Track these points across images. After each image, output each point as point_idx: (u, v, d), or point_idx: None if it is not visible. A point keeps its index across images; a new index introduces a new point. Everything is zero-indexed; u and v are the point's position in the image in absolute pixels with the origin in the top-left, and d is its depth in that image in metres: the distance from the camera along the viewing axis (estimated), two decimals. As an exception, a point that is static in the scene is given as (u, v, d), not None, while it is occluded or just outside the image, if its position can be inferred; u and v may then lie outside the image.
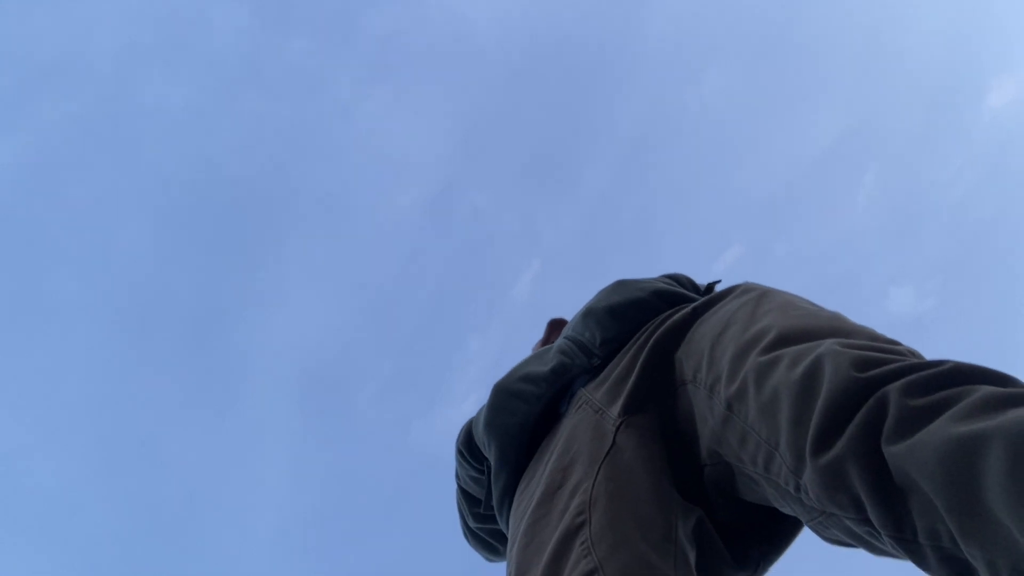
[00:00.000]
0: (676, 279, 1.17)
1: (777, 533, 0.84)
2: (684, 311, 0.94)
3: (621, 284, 1.09)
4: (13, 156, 12.07)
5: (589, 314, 1.06)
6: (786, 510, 0.71)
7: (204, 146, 13.65)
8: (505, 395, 1.04)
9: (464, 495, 1.21)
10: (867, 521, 0.56)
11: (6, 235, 11.93)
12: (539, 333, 1.55)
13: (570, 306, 1.68)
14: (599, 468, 0.80)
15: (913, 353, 0.71)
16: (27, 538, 11.11)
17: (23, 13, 11.51)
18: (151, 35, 12.75)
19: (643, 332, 0.97)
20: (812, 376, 0.64)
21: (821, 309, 0.85)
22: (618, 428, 0.85)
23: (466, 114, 15.26)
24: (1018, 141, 13.13)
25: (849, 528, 0.60)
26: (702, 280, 1.19)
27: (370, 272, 15.39)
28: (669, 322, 0.94)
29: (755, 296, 0.88)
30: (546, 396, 1.02)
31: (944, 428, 0.50)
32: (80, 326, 12.92)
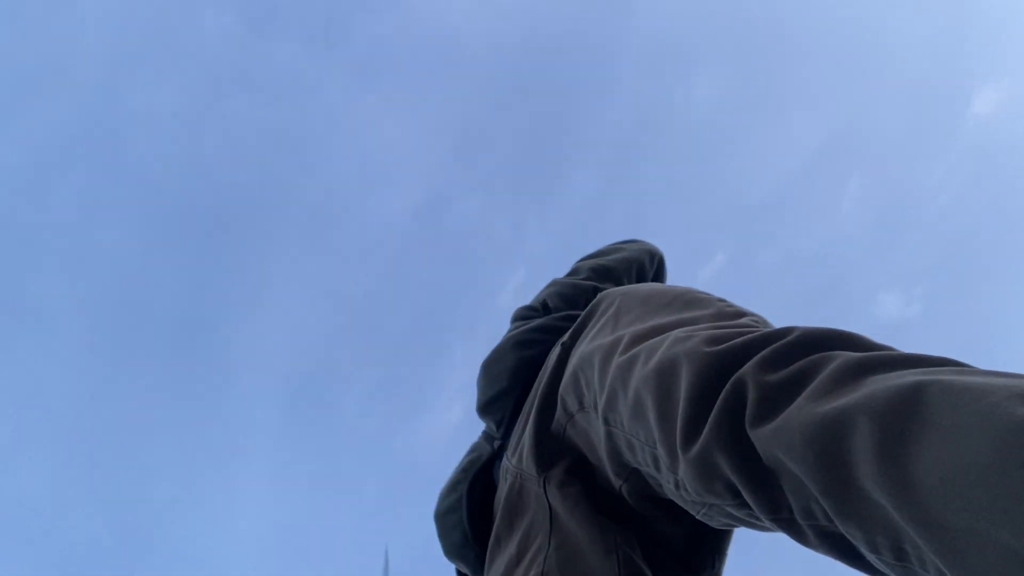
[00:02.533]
0: (562, 295, 1.18)
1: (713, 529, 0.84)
2: (556, 352, 0.96)
3: (485, 371, 1.12)
4: (2, 159, 11.97)
5: (481, 411, 1.12)
6: (685, 507, 0.72)
7: (193, 150, 13.59)
8: (440, 521, 1.08)
9: None
10: (745, 505, 0.56)
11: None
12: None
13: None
14: (548, 540, 0.81)
15: (759, 322, 0.73)
16: (12, 539, 10.98)
17: (12, 18, 11.42)
18: (141, 39, 12.69)
19: (534, 388, 1.00)
20: (666, 370, 0.64)
21: (674, 293, 0.86)
22: (544, 487, 0.86)
23: (453, 121, 15.27)
24: (1003, 148, 13.26)
25: (731, 513, 0.60)
26: None
27: (356, 278, 15.36)
28: (547, 371, 0.96)
29: (613, 310, 0.90)
30: (466, 493, 1.05)
31: (806, 408, 0.49)
32: (68, 328, 12.81)
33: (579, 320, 0.97)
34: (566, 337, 0.96)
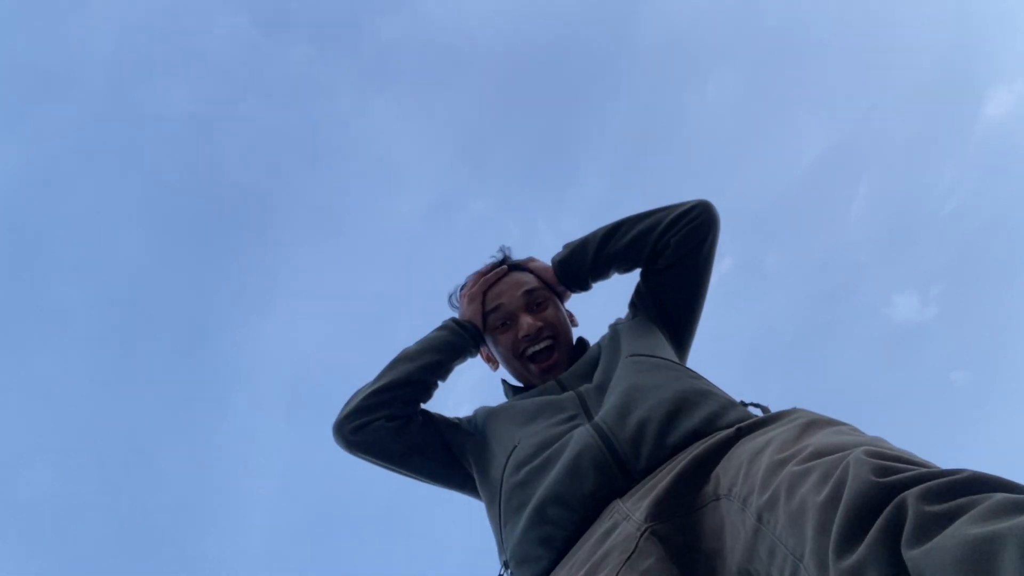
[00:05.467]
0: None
1: None
2: (727, 431, 0.97)
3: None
4: (13, 162, 12.09)
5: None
6: None
7: (204, 153, 13.68)
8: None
9: None
10: None
11: (4, 241, 11.93)
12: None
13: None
14: (618, 573, 0.82)
15: (929, 466, 0.74)
16: (19, 543, 11.06)
17: (23, 20, 11.54)
18: (151, 42, 12.80)
19: (688, 451, 0.99)
20: (837, 484, 0.66)
21: (863, 434, 0.87)
22: (643, 534, 0.86)
23: (463, 123, 15.30)
24: (1016, 150, 13.18)
25: None
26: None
27: (366, 280, 15.41)
28: (712, 440, 0.96)
29: (802, 422, 0.90)
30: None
31: (959, 531, 0.51)
32: (75, 332, 12.92)
33: (763, 418, 0.98)
34: (745, 425, 0.97)
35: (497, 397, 1.58)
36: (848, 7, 13.70)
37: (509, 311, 1.51)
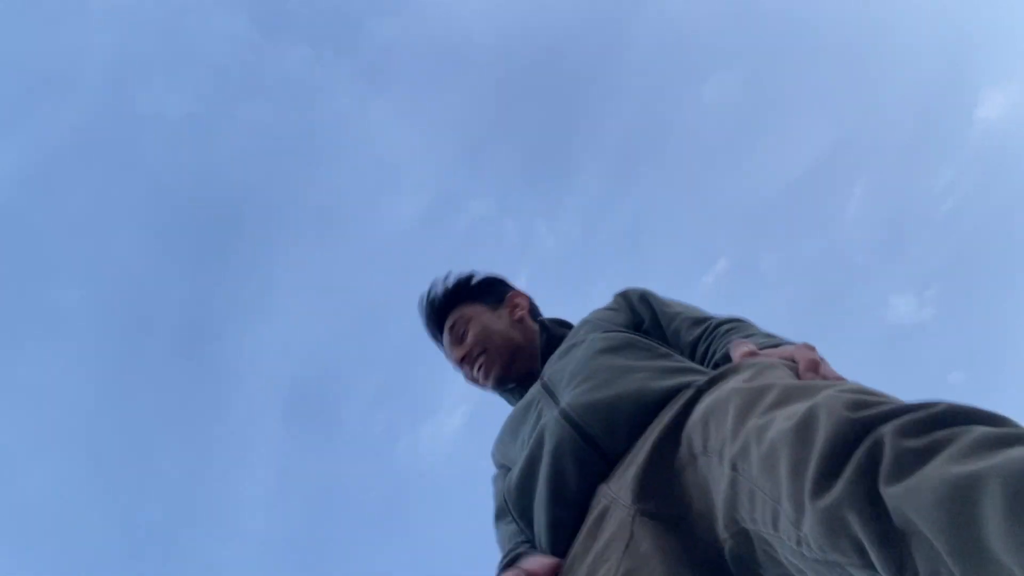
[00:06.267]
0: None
1: None
2: (688, 393, 0.96)
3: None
4: (11, 163, 12.06)
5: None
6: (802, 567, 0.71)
7: (202, 154, 13.66)
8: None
9: None
10: (869, 566, 0.56)
11: (1, 241, 11.90)
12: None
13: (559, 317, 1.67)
14: (619, 564, 0.81)
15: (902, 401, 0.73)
16: (16, 544, 11.03)
17: (21, 21, 11.52)
18: (150, 43, 12.78)
19: (657, 420, 0.99)
20: (807, 424, 0.64)
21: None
22: (634, 518, 0.86)
23: (461, 124, 15.30)
24: (1010, 152, 13.21)
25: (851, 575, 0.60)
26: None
27: (361, 282, 15.39)
28: (677, 404, 0.95)
29: (757, 368, 0.90)
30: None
31: (940, 469, 0.50)
32: (73, 333, 12.88)
33: (721, 371, 0.97)
34: (703, 382, 0.96)
35: (493, 400, 1.61)
36: (844, 10, 13.74)
37: (452, 358, 1.62)
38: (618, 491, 0.93)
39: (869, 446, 0.57)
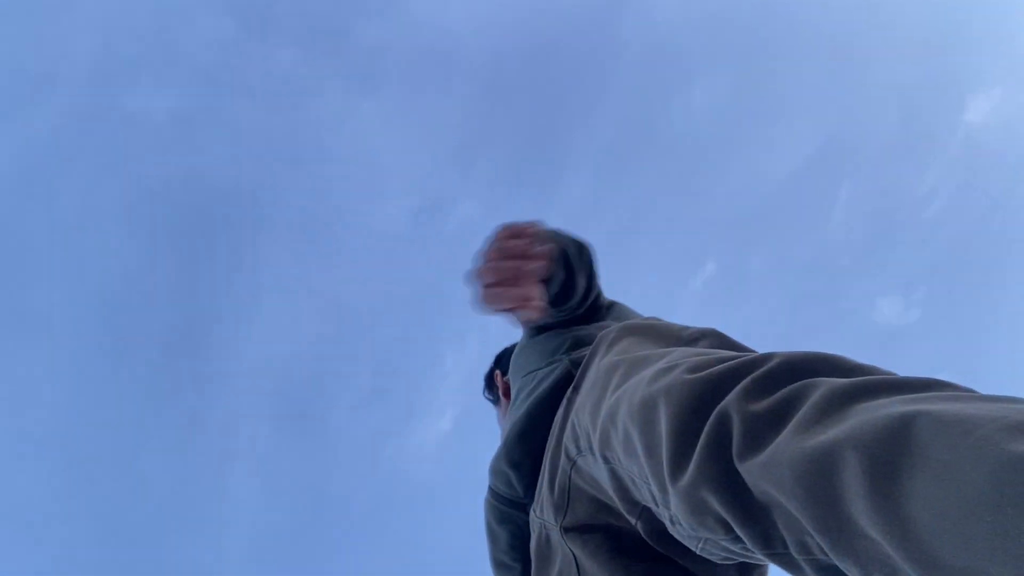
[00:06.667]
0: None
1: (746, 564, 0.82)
2: (564, 406, 0.96)
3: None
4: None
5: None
6: (683, 541, 0.71)
7: (189, 155, 13.57)
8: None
9: None
10: (739, 539, 0.55)
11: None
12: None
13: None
14: None
15: (731, 344, 0.73)
16: (5, 544, 10.91)
17: (7, 21, 11.41)
18: (137, 44, 12.69)
19: (549, 439, 1.00)
20: (649, 404, 0.64)
21: (659, 326, 0.88)
22: (563, 535, 0.87)
23: (449, 126, 15.29)
24: (996, 155, 13.35)
25: (727, 548, 0.59)
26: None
27: (349, 283, 15.34)
28: (558, 423, 0.96)
29: (605, 343, 0.90)
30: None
31: (793, 441, 0.49)
32: (58, 334, 12.76)
33: (580, 369, 0.96)
34: (570, 391, 0.95)
35: (481, 404, 1.60)
36: (831, 15, 13.84)
37: None
38: (543, 514, 0.94)
39: (716, 419, 0.56)
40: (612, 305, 1.35)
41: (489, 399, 1.57)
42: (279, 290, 14.77)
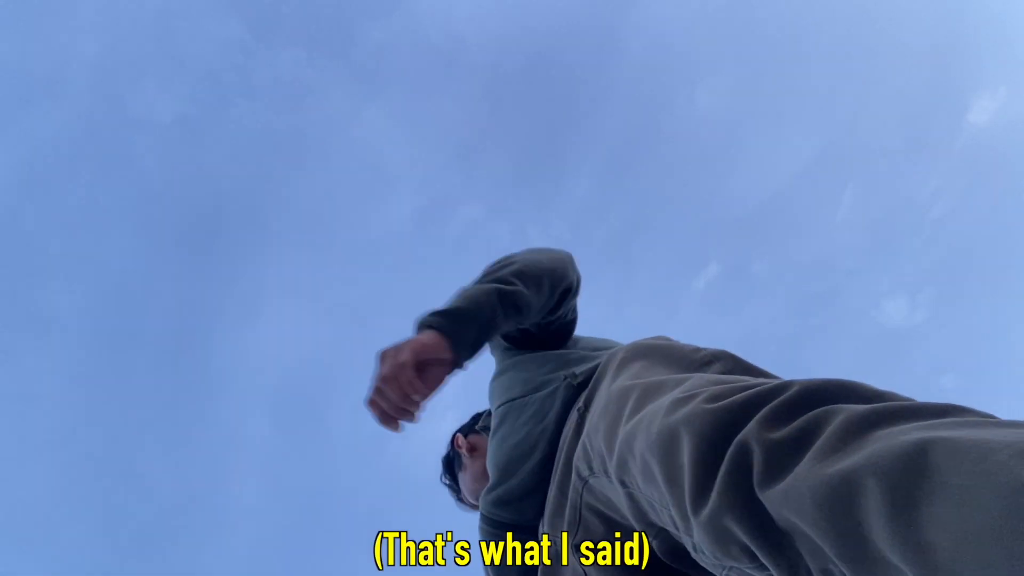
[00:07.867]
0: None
1: None
2: (574, 419, 0.95)
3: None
4: (2, 166, 11.99)
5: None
6: (709, 569, 0.70)
7: (193, 157, 13.61)
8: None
9: None
10: (764, 567, 0.55)
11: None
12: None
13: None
14: None
15: (745, 367, 0.74)
16: (5, 544, 10.95)
17: (12, 24, 11.46)
18: (142, 46, 12.73)
19: (557, 455, 0.99)
20: (668, 433, 0.64)
21: (671, 348, 0.87)
22: (580, 561, 0.86)
23: (454, 127, 15.31)
24: (1000, 156, 13.31)
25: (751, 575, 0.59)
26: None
27: (355, 285, 15.36)
28: (567, 440, 0.95)
29: (615, 364, 0.90)
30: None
31: (814, 469, 0.49)
32: (64, 335, 12.80)
33: (591, 385, 0.95)
34: (581, 403, 0.94)
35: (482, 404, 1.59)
36: (835, 16, 13.82)
37: None
38: (555, 539, 0.94)
39: (736, 449, 0.56)
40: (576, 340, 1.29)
41: (446, 484, 1.48)
42: (283, 290, 14.80)
